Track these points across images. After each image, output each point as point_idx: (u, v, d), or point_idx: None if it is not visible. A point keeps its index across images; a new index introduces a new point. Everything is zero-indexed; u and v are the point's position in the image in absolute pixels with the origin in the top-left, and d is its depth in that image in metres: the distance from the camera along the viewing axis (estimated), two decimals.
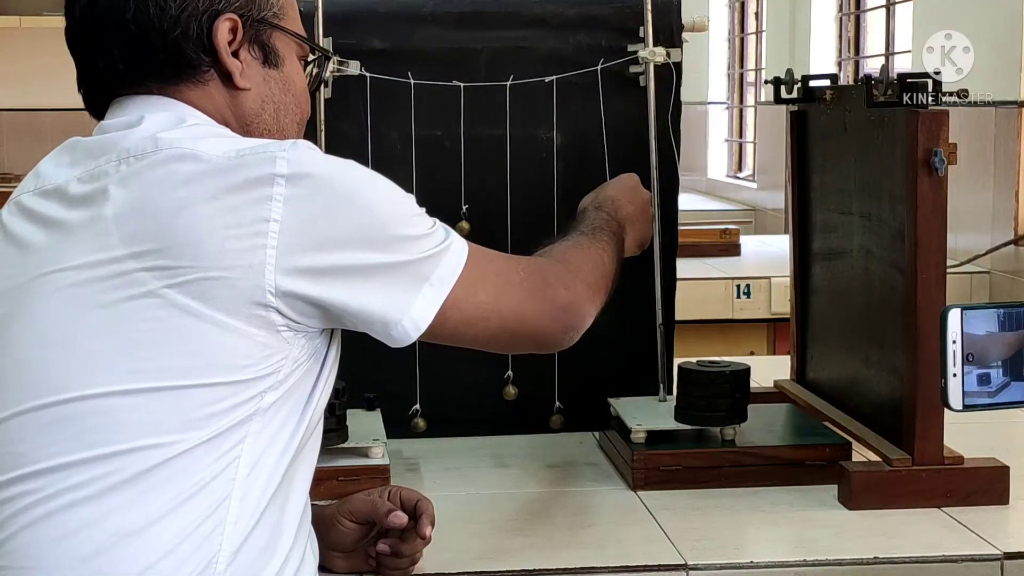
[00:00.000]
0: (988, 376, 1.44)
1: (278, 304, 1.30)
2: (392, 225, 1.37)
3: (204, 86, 1.42)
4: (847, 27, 6.20)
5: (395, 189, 1.41)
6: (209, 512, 1.28)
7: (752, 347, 3.99)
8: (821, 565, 1.66)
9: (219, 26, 1.41)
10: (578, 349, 2.19)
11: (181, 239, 1.28)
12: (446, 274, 1.38)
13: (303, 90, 1.52)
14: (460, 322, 1.41)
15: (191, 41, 1.40)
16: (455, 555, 1.67)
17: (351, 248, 1.33)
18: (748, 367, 1.98)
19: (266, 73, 1.46)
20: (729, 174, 8.05)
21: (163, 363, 1.28)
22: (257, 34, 1.45)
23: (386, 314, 1.36)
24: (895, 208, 1.89)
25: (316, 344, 1.37)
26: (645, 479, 1.92)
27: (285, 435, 1.35)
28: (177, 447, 1.28)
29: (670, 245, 2.18)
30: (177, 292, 1.28)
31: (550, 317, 1.51)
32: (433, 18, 2.14)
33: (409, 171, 2.14)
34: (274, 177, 1.30)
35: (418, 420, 2.17)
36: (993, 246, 4.29)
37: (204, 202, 1.29)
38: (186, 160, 1.31)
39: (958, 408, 1.44)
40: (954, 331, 1.42)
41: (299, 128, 1.52)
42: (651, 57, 2.12)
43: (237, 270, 1.28)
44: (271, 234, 1.29)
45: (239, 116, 1.45)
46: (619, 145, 2.17)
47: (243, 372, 1.30)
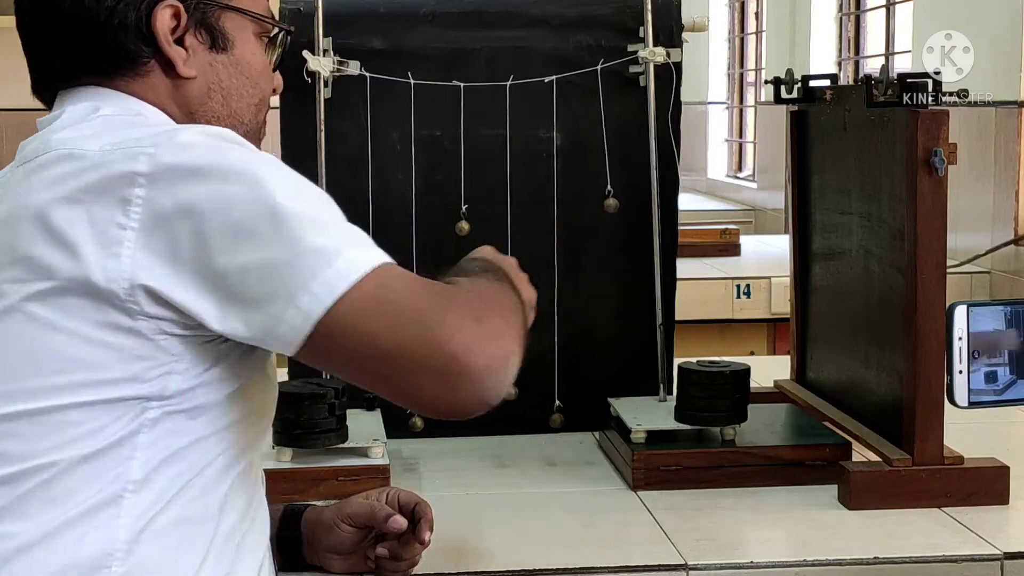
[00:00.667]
0: (995, 374, 1.44)
1: (143, 310, 1.20)
2: (277, 225, 1.19)
3: (144, 77, 1.35)
4: (847, 27, 6.20)
5: (297, 186, 1.25)
6: (97, 530, 1.22)
7: (752, 347, 3.99)
8: (821, 565, 1.66)
9: (158, 14, 1.34)
10: (578, 349, 2.21)
11: (39, 247, 1.21)
12: (329, 288, 1.19)
13: (262, 70, 1.44)
14: (338, 347, 1.21)
15: (130, 31, 1.33)
16: (454, 555, 1.67)
17: (217, 254, 1.19)
18: (748, 367, 1.98)
19: (213, 58, 1.38)
20: (729, 174, 8.05)
21: (30, 383, 1.21)
22: (204, 17, 1.37)
23: (251, 327, 1.21)
24: (895, 208, 1.89)
25: (222, 359, 1.26)
26: (645, 479, 1.92)
27: (198, 454, 1.26)
28: (54, 468, 1.21)
29: (670, 245, 2.18)
30: (37, 305, 1.21)
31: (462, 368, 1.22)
32: (433, 18, 2.14)
33: (409, 171, 2.14)
34: (133, 177, 1.21)
35: (417, 420, 2.17)
36: (993, 246, 4.29)
37: (64, 205, 1.21)
38: (63, 161, 1.25)
39: (964, 405, 1.44)
40: (960, 328, 1.42)
41: (257, 109, 1.44)
42: (651, 57, 2.12)
43: (95, 278, 1.20)
44: (127, 242, 1.20)
45: (183, 105, 1.37)
46: (619, 145, 2.17)
47: (115, 387, 1.22)
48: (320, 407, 1.87)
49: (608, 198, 2.16)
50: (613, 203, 2.16)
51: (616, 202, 2.16)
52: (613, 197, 2.16)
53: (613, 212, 2.16)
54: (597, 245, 2.20)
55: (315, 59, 2.03)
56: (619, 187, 2.18)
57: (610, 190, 2.16)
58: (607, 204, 2.16)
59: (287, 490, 1.86)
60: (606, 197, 2.16)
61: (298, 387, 1.91)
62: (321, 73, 2.04)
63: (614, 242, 2.20)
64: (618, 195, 2.18)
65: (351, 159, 2.13)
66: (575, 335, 2.20)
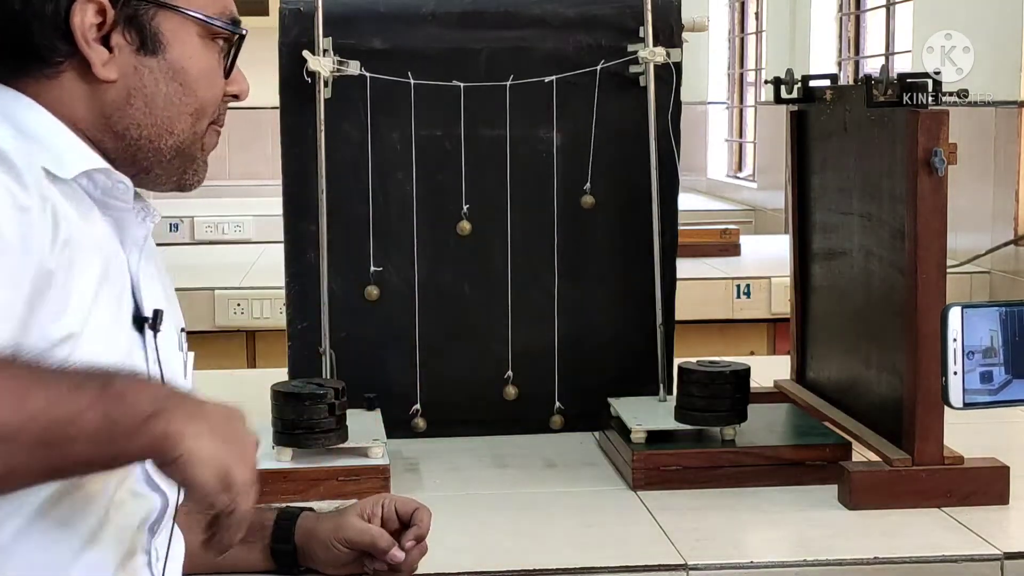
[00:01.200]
0: (990, 374, 1.44)
1: None
2: None
3: (53, 80, 1.24)
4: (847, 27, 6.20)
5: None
6: None
7: (752, 347, 3.99)
8: (821, 565, 1.66)
9: (79, 9, 1.22)
10: (578, 349, 2.21)
11: None
12: None
13: (202, 75, 1.31)
14: None
15: (46, 25, 1.22)
16: (454, 555, 1.67)
17: None
18: (748, 367, 1.98)
19: (140, 61, 1.27)
20: (729, 174, 8.04)
21: None
22: (135, 16, 1.25)
23: None
24: (895, 208, 1.89)
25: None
26: (645, 479, 1.92)
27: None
28: None
29: (670, 245, 2.18)
30: None
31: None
32: (433, 18, 2.14)
33: (409, 171, 2.14)
34: None
35: (418, 420, 2.17)
36: (993, 246, 4.28)
37: None
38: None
39: (959, 406, 1.44)
40: (955, 329, 1.42)
41: (195, 119, 1.31)
42: (651, 57, 2.12)
43: None
44: None
45: (98, 110, 1.26)
46: (619, 145, 2.17)
47: None
48: (320, 407, 1.87)
49: (585, 195, 2.16)
50: (589, 200, 2.16)
51: (592, 199, 2.16)
52: (590, 194, 2.16)
53: (589, 209, 2.16)
54: (597, 245, 2.20)
55: (315, 59, 2.03)
56: (619, 187, 2.18)
57: (588, 187, 2.16)
58: (583, 201, 2.16)
59: (287, 490, 1.86)
60: (584, 194, 2.16)
61: (298, 387, 1.91)
62: (321, 73, 2.04)
63: (614, 242, 2.20)
64: (618, 195, 2.18)
65: (351, 159, 2.13)
66: (575, 335, 2.20)
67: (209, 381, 2.70)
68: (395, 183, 2.15)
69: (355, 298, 2.14)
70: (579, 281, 2.20)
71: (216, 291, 3.70)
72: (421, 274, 2.16)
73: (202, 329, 3.62)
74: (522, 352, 2.19)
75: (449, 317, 2.18)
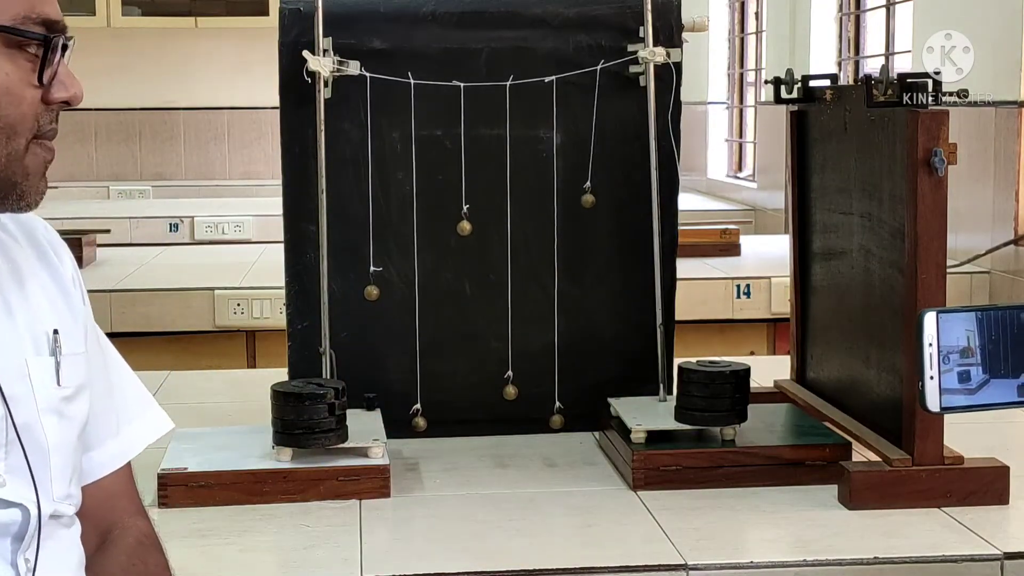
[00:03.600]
0: (968, 374, 1.44)
1: None
2: None
3: None
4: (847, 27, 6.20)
5: None
6: None
7: (752, 347, 3.99)
8: (821, 565, 1.66)
9: None
10: (578, 349, 2.21)
11: None
12: None
13: (7, 90, 1.15)
14: None
15: None
16: (455, 555, 1.67)
17: None
18: (748, 367, 1.98)
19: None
20: (729, 174, 8.04)
21: None
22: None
23: None
24: (895, 208, 1.89)
25: None
26: (645, 479, 1.92)
27: None
28: None
29: (670, 245, 2.18)
30: None
31: None
32: (433, 18, 2.14)
33: (409, 171, 2.14)
34: None
35: (418, 420, 2.17)
36: (993, 246, 4.28)
37: None
38: None
39: (935, 411, 1.44)
40: (930, 334, 1.42)
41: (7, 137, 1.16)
42: (651, 57, 2.12)
43: None
44: None
45: None
46: (619, 145, 2.17)
47: None
48: (320, 407, 1.87)
49: (585, 194, 2.16)
50: (589, 199, 2.16)
51: (592, 199, 2.16)
52: (590, 194, 2.16)
53: (589, 208, 2.16)
54: (597, 245, 2.20)
55: (315, 59, 2.03)
56: (619, 187, 2.18)
57: (588, 187, 2.16)
58: (583, 201, 2.16)
59: (287, 490, 1.86)
60: (584, 193, 2.16)
61: (298, 387, 1.91)
62: (321, 73, 2.04)
63: (614, 242, 2.20)
64: (618, 195, 2.18)
65: (351, 159, 2.13)
66: (575, 335, 2.20)
67: (209, 381, 2.71)
68: (395, 183, 2.15)
69: (355, 298, 2.14)
70: (579, 281, 2.20)
71: (216, 291, 3.70)
72: (421, 274, 2.16)
73: (202, 329, 3.62)
74: (522, 352, 2.19)
75: (449, 317, 2.18)
